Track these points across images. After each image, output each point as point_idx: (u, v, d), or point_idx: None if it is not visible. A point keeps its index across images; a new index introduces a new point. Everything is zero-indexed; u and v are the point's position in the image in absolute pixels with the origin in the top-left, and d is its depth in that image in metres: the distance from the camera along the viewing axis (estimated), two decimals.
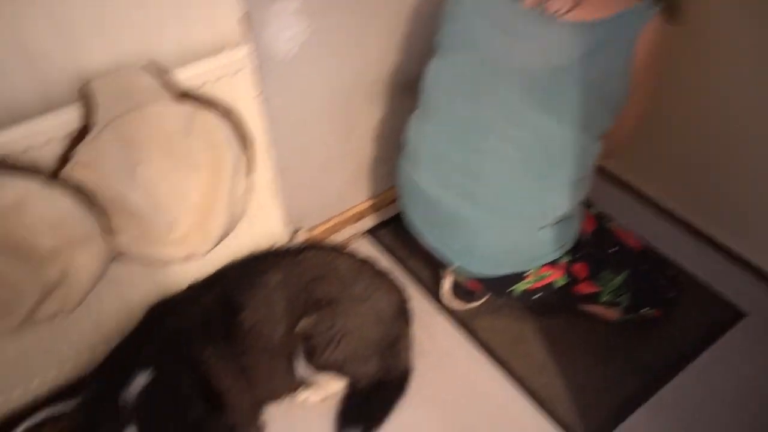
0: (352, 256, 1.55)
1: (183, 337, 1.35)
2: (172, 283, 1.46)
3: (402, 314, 1.54)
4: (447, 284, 1.66)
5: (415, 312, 1.58)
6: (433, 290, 1.74)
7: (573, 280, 1.44)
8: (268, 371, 1.44)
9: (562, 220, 1.35)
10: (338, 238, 1.82)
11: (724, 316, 1.64)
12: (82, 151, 1.13)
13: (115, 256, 1.28)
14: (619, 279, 1.44)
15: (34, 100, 1.11)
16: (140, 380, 1.24)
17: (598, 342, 1.58)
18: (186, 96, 1.22)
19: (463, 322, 1.66)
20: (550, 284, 1.44)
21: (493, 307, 1.67)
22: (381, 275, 1.55)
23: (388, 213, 1.93)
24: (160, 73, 1.17)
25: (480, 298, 1.68)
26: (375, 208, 1.88)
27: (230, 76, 1.27)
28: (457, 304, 1.68)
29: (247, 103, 1.32)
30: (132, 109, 1.15)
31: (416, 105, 1.43)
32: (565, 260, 1.41)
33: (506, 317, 1.65)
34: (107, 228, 1.22)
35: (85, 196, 1.16)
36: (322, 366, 1.44)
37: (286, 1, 1.33)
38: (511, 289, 1.45)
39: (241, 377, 1.39)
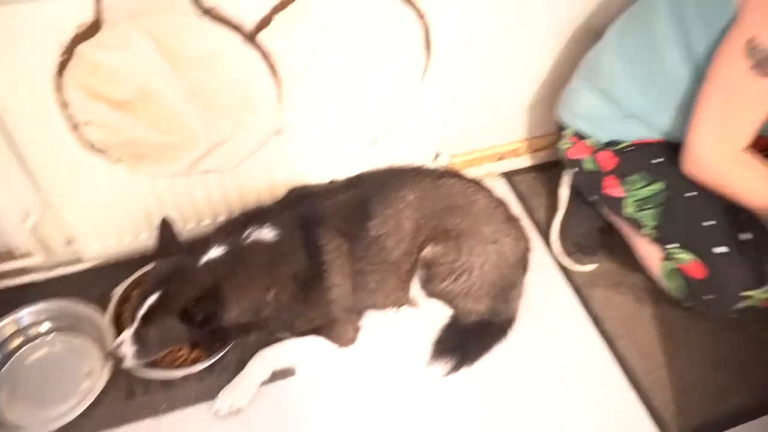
0: (490, 193, 1.53)
1: (314, 221, 1.38)
2: (316, 172, 1.49)
3: (522, 263, 1.52)
4: (557, 221, 1.68)
5: (535, 264, 1.56)
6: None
7: (600, 170, 1.43)
8: (379, 282, 1.46)
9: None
10: (474, 172, 1.80)
11: None
12: (283, 20, 1.14)
13: (279, 129, 1.30)
14: (649, 189, 1.35)
15: None
16: (265, 233, 1.30)
17: (717, 347, 1.51)
18: None
19: (579, 287, 1.63)
20: (578, 161, 1.48)
21: (613, 281, 1.63)
22: (512, 220, 1.52)
23: (528, 161, 1.89)
24: None
25: (589, 263, 1.66)
26: (517, 153, 1.83)
27: None
28: (567, 261, 1.67)
29: (442, 11, 1.29)
30: None
31: None
32: (594, 145, 1.42)
33: (624, 294, 1.60)
34: (281, 99, 1.24)
35: (272, 63, 1.18)
36: (436, 294, 1.45)
37: None
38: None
39: (352, 279, 1.42)
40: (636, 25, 1.32)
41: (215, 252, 1.26)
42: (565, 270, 1.66)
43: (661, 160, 1.34)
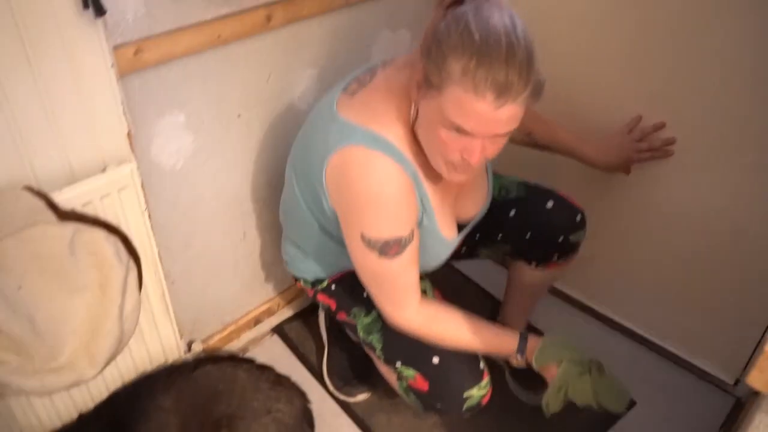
0: (250, 365, 1.54)
1: None
2: (58, 414, 1.36)
3: (304, 419, 1.53)
4: (325, 360, 1.74)
5: (318, 412, 1.56)
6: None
7: (330, 308, 1.52)
8: None
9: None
10: (237, 345, 1.79)
11: None
12: None
13: None
14: (369, 317, 1.42)
15: None
16: None
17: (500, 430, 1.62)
18: (69, 215, 1.20)
19: (361, 418, 1.66)
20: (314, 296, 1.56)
21: (389, 402, 1.68)
22: (280, 382, 1.54)
23: (287, 313, 1.93)
24: (41, 194, 1.15)
25: (363, 392, 1.71)
26: (272, 311, 1.87)
27: (116, 193, 1.26)
28: (342, 396, 1.71)
29: (134, 218, 1.31)
30: (11, 234, 1.11)
31: None
32: (306, 285, 1.54)
33: (403, 413, 1.66)
34: None
35: None
36: None
37: (171, 116, 1.35)
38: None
39: None
40: (285, 189, 1.45)
41: None
42: (346, 406, 1.69)
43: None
